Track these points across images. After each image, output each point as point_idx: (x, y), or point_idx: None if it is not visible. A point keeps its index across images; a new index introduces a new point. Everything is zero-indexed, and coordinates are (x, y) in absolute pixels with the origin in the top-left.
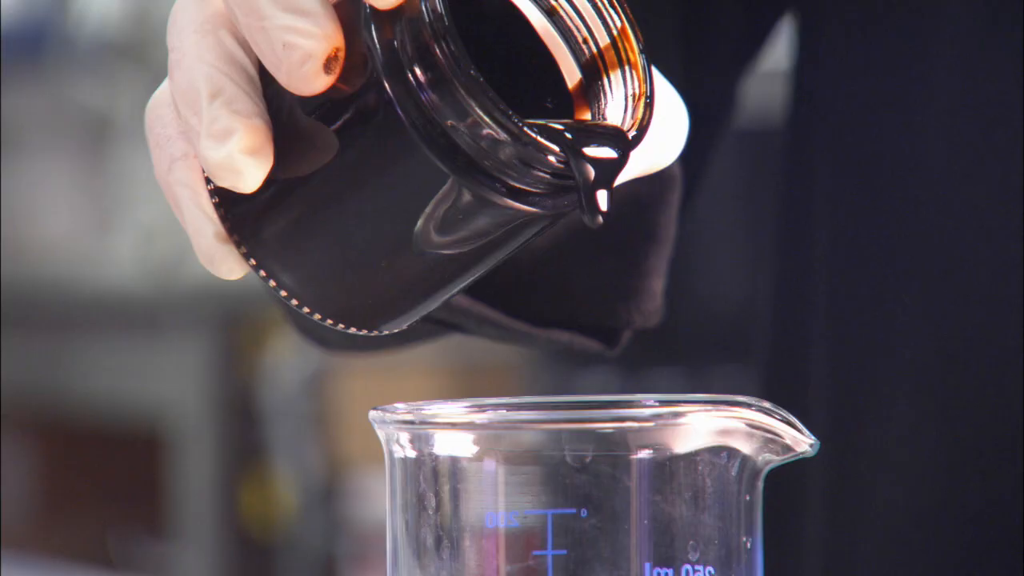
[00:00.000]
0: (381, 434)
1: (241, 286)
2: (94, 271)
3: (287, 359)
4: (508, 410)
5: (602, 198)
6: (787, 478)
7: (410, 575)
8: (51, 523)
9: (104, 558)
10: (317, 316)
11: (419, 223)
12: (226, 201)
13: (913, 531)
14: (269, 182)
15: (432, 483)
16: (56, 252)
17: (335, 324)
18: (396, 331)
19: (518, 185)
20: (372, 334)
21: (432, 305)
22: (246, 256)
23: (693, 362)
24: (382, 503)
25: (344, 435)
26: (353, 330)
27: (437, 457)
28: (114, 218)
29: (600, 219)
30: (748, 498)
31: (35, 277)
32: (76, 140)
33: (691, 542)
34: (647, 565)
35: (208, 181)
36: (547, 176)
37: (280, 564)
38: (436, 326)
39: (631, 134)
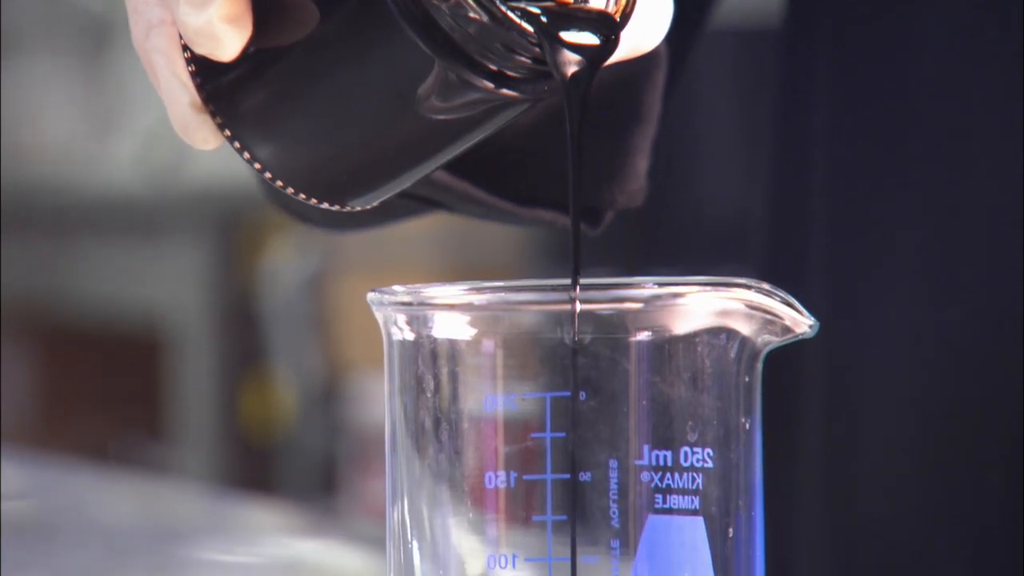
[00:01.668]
0: (379, 316)
1: (240, 190)
2: (94, 175)
3: (287, 262)
4: (507, 292)
5: (580, 84)
6: (786, 360)
7: (408, 458)
8: (51, 425)
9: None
10: (290, 190)
11: (396, 101)
12: (203, 70)
13: (913, 413)
14: (247, 52)
15: (430, 366)
16: (56, 156)
17: (307, 198)
18: (366, 207)
19: (499, 69)
20: (343, 209)
21: (403, 183)
22: (221, 127)
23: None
24: (382, 404)
25: (344, 338)
26: (325, 205)
27: (435, 339)
28: (114, 122)
29: (578, 107)
30: (747, 379)
31: (34, 181)
32: (76, 43)
33: (689, 423)
34: (645, 447)
35: (185, 49)
36: (528, 61)
37: (279, 466)
38: (418, 203)
39: (616, 17)
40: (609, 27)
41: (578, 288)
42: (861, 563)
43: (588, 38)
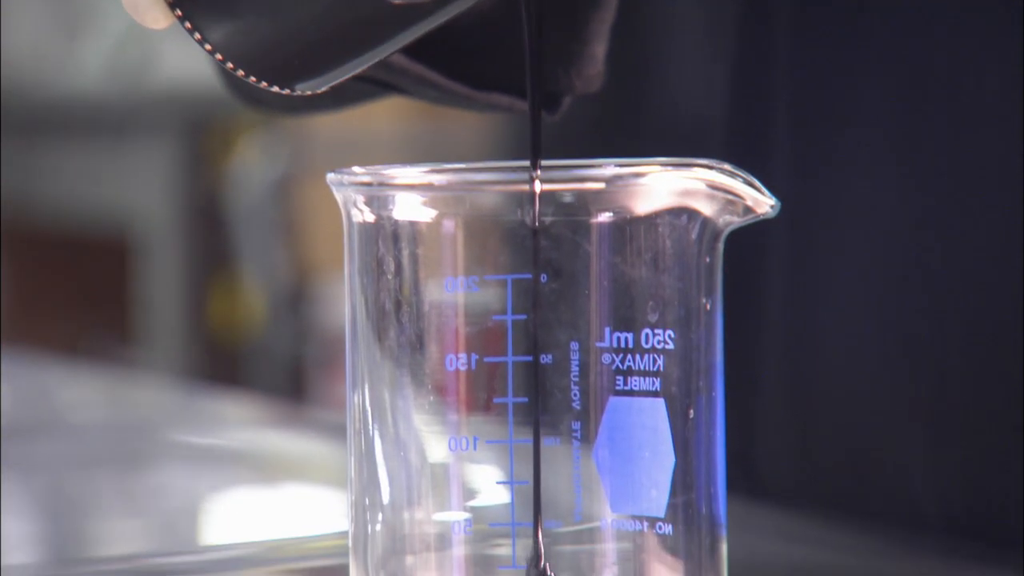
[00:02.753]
0: (339, 197)
1: (208, 92)
2: (62, 77)
3: (254, 165)
4: (467, 172)
5: None
6: (748, 241)
7: (368, 342)
8: (20, 327)
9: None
10: (240, 72)
11: None
12: None
13: (875, 294)
14: None
15: (391, 248)
16: (24, 58)
17: (257, 81)
18: (317, 91)
19: None
20: (291, 92)
21: (353, 68)
22: (171, 6)
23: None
24: None
25: (312, 241)
26: (276, 88)
27: (396, 221)
28: (82, 24)
29: None
30: (708, 260)
31: (2, 84)
32: None
33: (650, 304)
34: (607, 329)
35: None
36: None
37: (247, 368)
38: (373, 87)
39: None
40: None
41: (539, 169)
42: (821, 445)
43: None
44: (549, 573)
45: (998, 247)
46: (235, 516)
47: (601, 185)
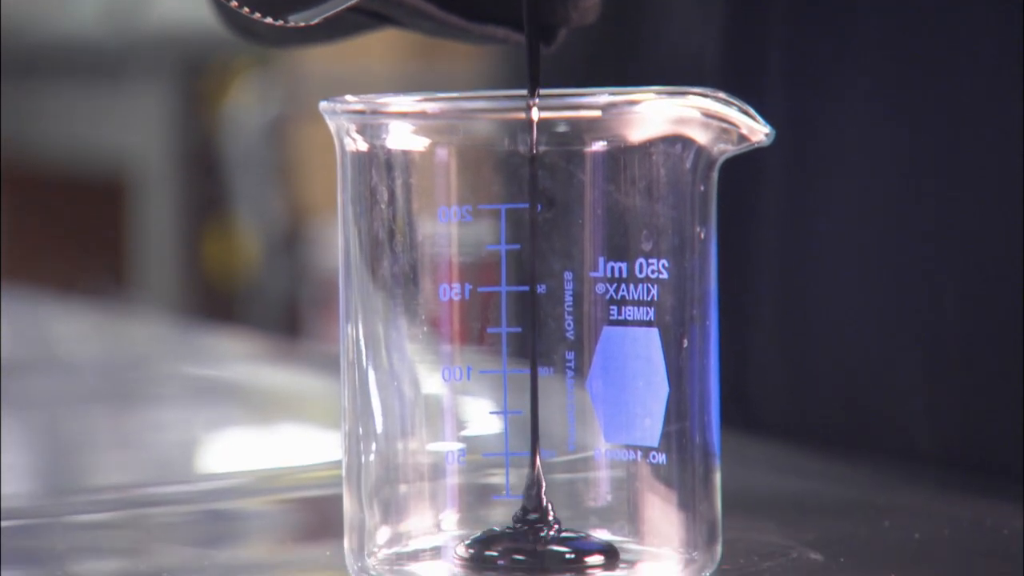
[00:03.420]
0: (332, 126)
1: (203, 34)
2: (57, 18)
3: (249, 107)
4: (461, 100)
5: None
6: (743, 173)
7: (361, 273)
8: (15, 269)
9: (69, 299)
10: (234, 3)
11: None
12: None
13: (869, 225)
14: None
15: (384, 177)
16: (19, 0)
17: (250, 12)
18: (310, 22)
19: None
20: (284, 24)
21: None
22: None
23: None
24: None
25: (306, 182)
26: (269, 20)
27: (389, 150)
28: None
29: None
30: (702, 189)
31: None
32: None
33: (644, 233)
34: (601, 259)
35: None
36: None
37: (242, 309)
38: (367, 18)
39: None
40: None
41: (537, 96)
42: (816, 378)
43: None
44: (544, 501)
45: (995, 176)
46: (229, 449)
47: (595, 113)
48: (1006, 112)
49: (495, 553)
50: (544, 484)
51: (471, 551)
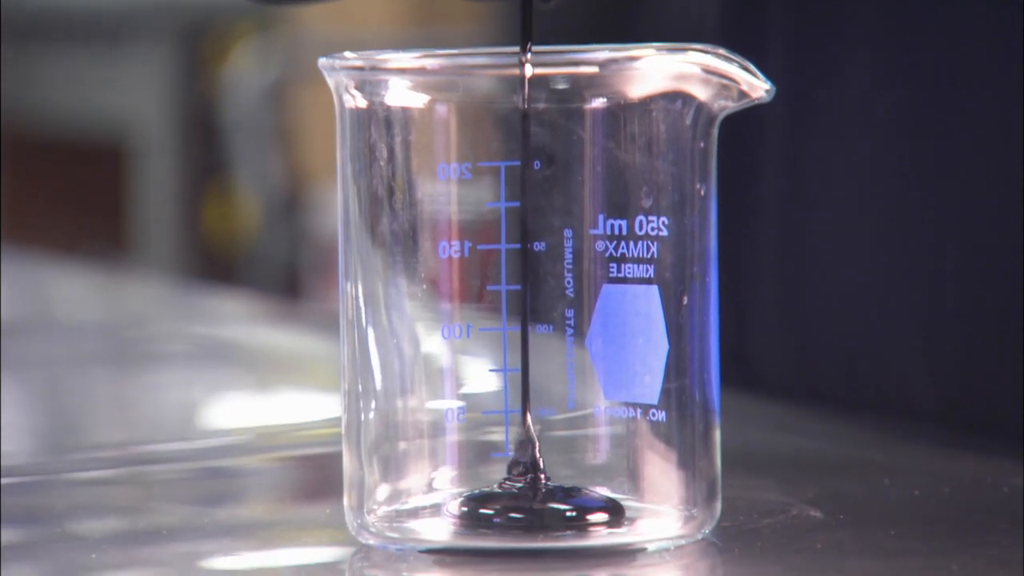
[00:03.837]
0: (331, 83)
1: None
2: None
3: (249, 71)
4: (461, 56)
5: None
6: (744, 131)
7: (360, 231)
8: (14, 233)
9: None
10: None
11: None
12: None
13: (870, 185)
14: None
15: (383, 134)
16: None
17: None
18: None
19: None
20: None
21: None
22: None
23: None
24: None
25: (306, 147)
26: None
27: (388, 107)
28: None
29: None
30: (703, 145)
31: None
32: None
33: (644, 189)
34: (600, 216)
35: None
36: None
37: (242, 275)
38: None
39: None
40: None
41: (530, 52)
42: (815, 330)
43: None
44: (538, 457)
45: (997, 140)
46: (229, 409)
47: (595, 69)
48: (1008, 68)
49: (491, 511)
50: (537, 442)
51: (467, 509)
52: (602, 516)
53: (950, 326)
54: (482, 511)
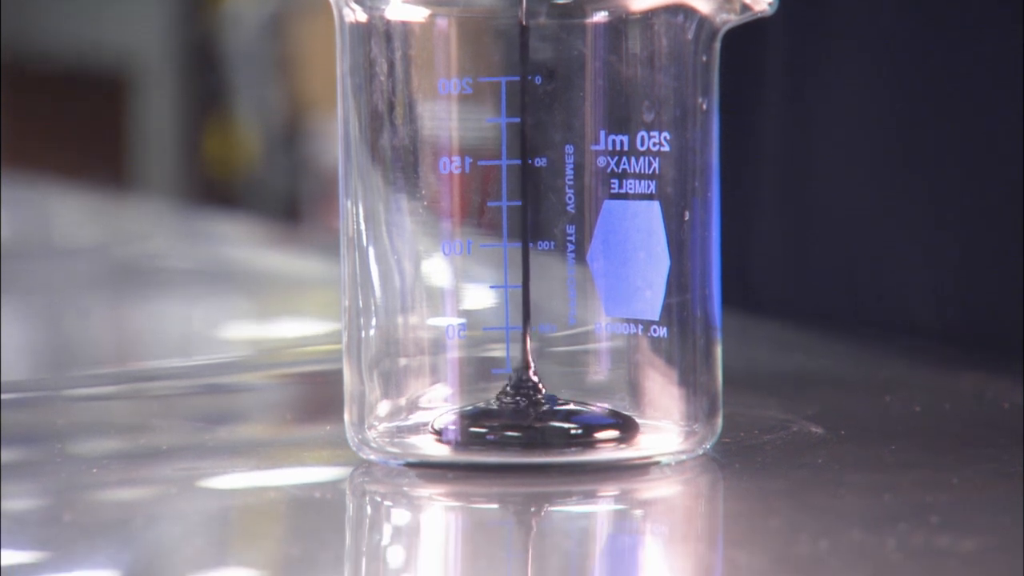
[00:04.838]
0: None
1: None
2: None
3: (249, 2)
4: None
5: None
6: (746, 48)
7: (360, 147)
8: (15, 164)
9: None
10: None
11: None
12: None
13: (872, 103)
14: None
15: (383, 49)
16: None
17: None
18: None
19: None
20: None
21: None
22: None
23: None
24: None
25: (306, 77)
26: None
27: (388, 21)
28: None
29: None
30: (705, 59)
31: None
32: None
33: (646, 104)
34: (602, 132)
35: None
36: None
37: (243, 204)
38: None
39: None
40: None
41: None
42: (818, 258)
43: None
44: (533, 377)
45: (997, 56)
46: (229, 328)
47: None
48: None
49: (486, 428)
50: (532, 364)
51: (467, 424)
52: (609, 433)
53: (950, 244)
54: (480, 427)
